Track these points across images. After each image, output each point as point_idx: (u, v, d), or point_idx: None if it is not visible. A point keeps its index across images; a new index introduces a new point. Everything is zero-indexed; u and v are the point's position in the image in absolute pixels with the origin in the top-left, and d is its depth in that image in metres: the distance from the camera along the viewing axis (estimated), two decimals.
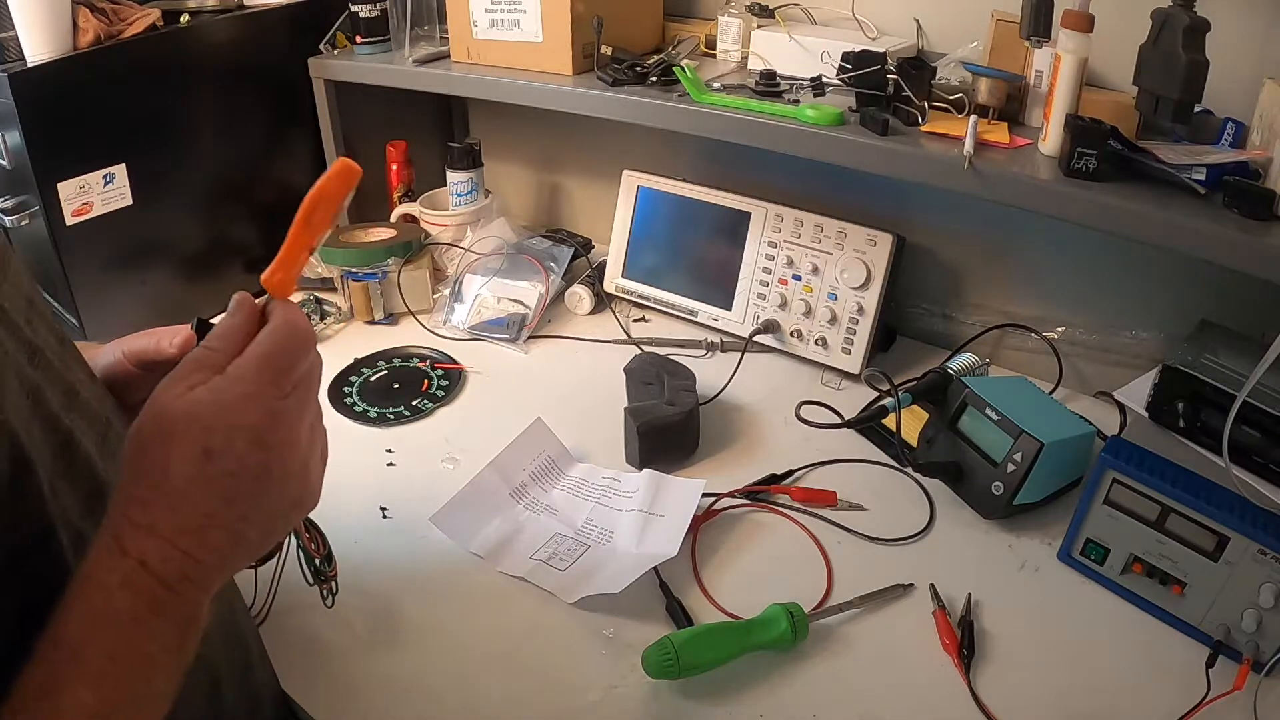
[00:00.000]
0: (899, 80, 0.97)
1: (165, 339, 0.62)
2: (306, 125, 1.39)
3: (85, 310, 1.17)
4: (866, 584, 0.84)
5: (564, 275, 1.33)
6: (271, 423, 0.46)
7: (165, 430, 0.44)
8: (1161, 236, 0.82)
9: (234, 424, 0.44)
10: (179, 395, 0.44)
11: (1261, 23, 0.90)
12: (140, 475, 0.44)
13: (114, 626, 0.41)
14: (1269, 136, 0.83)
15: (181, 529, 0.43)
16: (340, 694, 0.74)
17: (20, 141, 1.04)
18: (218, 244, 1.33)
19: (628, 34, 1.19)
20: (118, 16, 1.15)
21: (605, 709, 0.73)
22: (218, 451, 0.44)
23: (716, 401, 1.10)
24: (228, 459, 0.44)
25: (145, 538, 0.42)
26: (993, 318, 1.19)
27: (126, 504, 0.43)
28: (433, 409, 1.11)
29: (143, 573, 0.42)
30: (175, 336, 0.61)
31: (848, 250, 1.13)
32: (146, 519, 0.43)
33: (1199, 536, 0.77)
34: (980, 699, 0.73)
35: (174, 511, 0.43)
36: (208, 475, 0.44)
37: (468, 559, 0.88)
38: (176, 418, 0.44)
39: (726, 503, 0.95)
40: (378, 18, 1.30)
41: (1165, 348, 1.06)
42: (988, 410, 0.91)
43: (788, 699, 0.74)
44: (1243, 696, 0.71)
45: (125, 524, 0.43)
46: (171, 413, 0.44)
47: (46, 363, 0.47)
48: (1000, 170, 0.89)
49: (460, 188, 1.38)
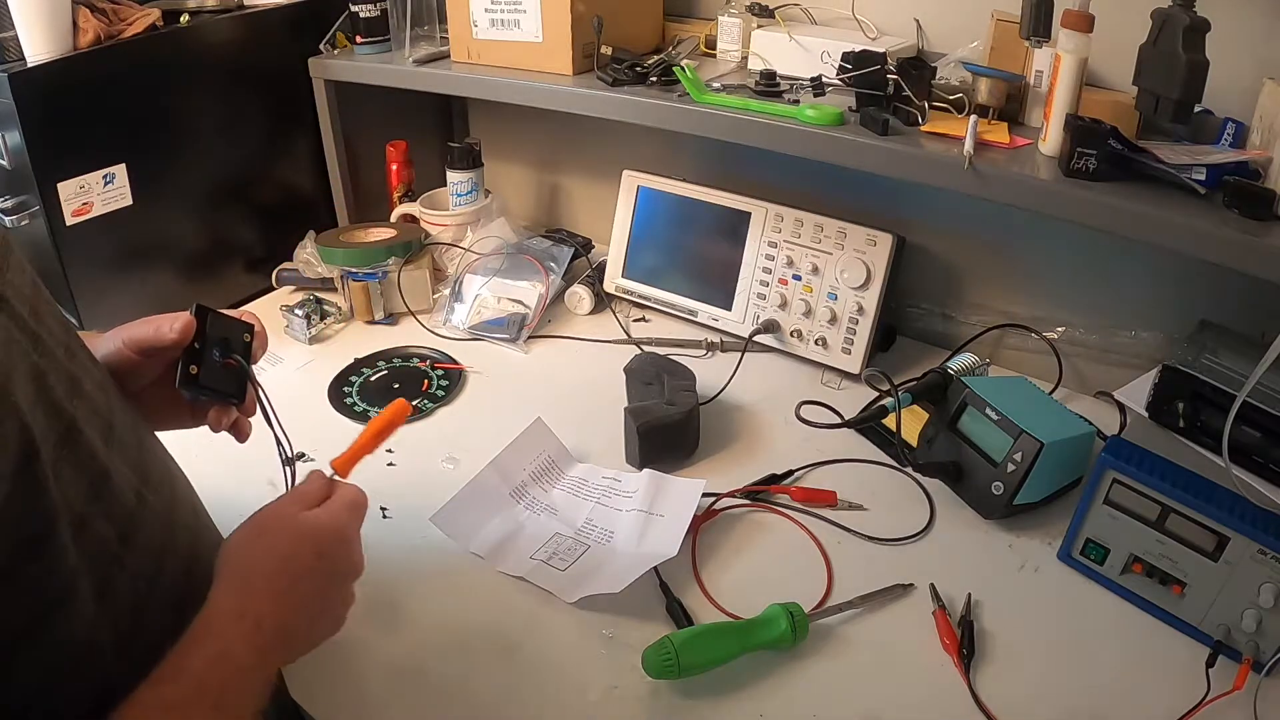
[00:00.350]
0: (899, 80, 0.97)
1: (165, 325, 0.65)
2: (306, 125, 1.39)
3: (85, 310, 1.17)
4: (866, 584, 0.84)
5: (564, 275, 1.33)
6: (353, 545, 0.62)
7: (292, 532, 0.59)
8: (1161, 236, 0.82)
9: (337, 539, 0.60)
10: (297, 511, 0.60)
11: (1261, 23, 0.90)
12: (264, 557, 0.57)
13: (229, 672, 0.51)
14: (1269, 136, 0.83)
15: (290, 604, 0.56)
16: (340, 693, 0.74)
17: (20, 141, 1.04)
18: (218, 244, 1.33)
19: (628, 34, 1.19)
20: (118, 16, 1.15)
21: (605, 709, 0.73)
22: (328, 555, 0.59)
23: (716, 401, 1.10)
24: (331, 560, 0.59)
25: (263, 604, 0.54)
26: (993, 318, 1.19)
27: (250, 574, 0.55)
28: (433, 409, 1.11)
29: (255, 633, 0.53)
30: (175, 322, 0.65)
31: (848, 250, 1.13)
32: (268, 589, 0.55)
33: (1199, 536, 0.77)
34: (980, 699, 0.73)
35: (290, 589, 0.56)
36: (319, 569, 0.58)
37: (468, 559, 0.88)
38: (303, 526, 0.59)
39: (726, 503, 0.95)
40: (378, 18, 1.30)
41: (1165, 348, 1.06)
42: (988, 410, 0.91)
43: (788, 699, 0.74)
44: (1243, 696, 0.71)
45: (248, 591, 0.54)
46: (298, 523, 0.59)
47: (49, 351, 0.49)
48: (1000, 170, 0.89)
49: (460, 188, 1.38)
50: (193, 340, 0.66)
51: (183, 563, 0.57)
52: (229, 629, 0.52)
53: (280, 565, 0.57)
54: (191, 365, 0.66)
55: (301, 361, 1.21)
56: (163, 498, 0.56)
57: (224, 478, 0.80)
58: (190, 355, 0.66)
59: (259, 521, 0.59)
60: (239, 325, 0.71)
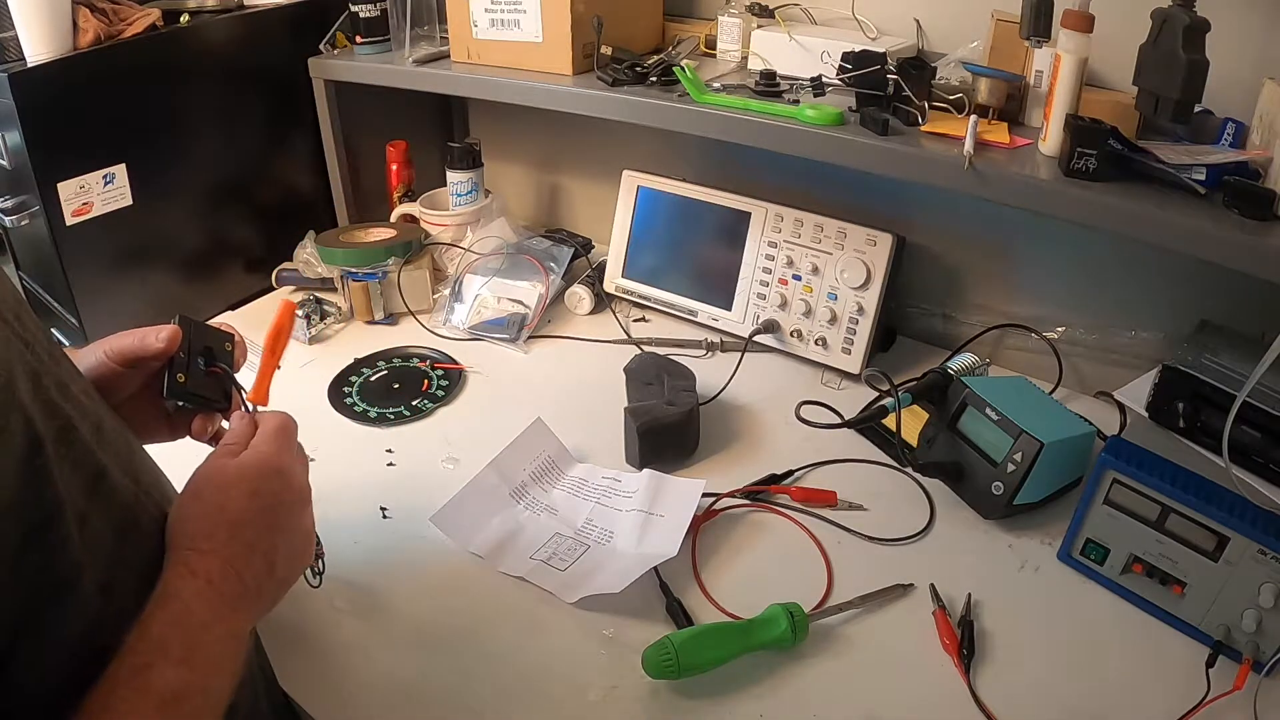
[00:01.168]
0: (899, 80, 0.97)
1: (151, 335, 0.67)
2: (306, 125, 1.39)
3: (85, 310, 1.17)
4: (866, 584, 0.84)
5: (564, 275, 1.33)
6: (289, 471, 0.62)
7: (219, 483, 0.58)
8: (1161, 236, 0.82)
9: (266, 472, 0.60)
10: (224, 461, 0.60)
11: (1261, 23, 0.90)
12: (200, 516, 0.56)
13: (190, 628, 0.51)
14: (1269, 136, 0.83)
15: (236, 552, 0.56)
16: (338, 693, 0.74)
17: (20, 141, 1.05)
18: (218, 244, 1.33)
19: (628, 34, 1.19)
20: (118, 16, 1.15)
21: (605, 709, 0.73)
22: (261, 492, 0.59)
23: (716, 401, 1.10)
24: (266, 496, 0.59)
25: (210, 560, 0.54)
26: (993, 318, 1.19)
27: (192, 537, 0.55)
28: (433, 409, 1.11)
29: (209, 589, 0.53)
30: (161, 332, 0.67)
31: (848, 250, 1.13)
32: (210, 545, 0.55)
33: (1199, 536, 0.77)
34: (980, 699, 0.73)
35: (231, 538, 0.56)
36: (254, 508, 0.58)
37: (468, 559, 0.88)
38: (228, 472, 0.59)
39: (726, 503, 0.95)
40: (378, 18, 1.30)
41: (1165, 348, 1.06)
42: (988, 410, 0.91)
43: (788, 699, 0.74)
44: (1242, 696, 0.71)
45: (193, 552, 0.54)
46: (224, 470, 0.59)
47: (39, 356, 0.49)
48: (1000, 170, 0.89)
49: (460, 188, 1.38)
50: (177, 350, 0.67)
51: None
52: (184, 589, 0.52)
53: (217, 517, 0.56)
54: (178, 374, 0.67)
55: (301, 361, 1.21)
56: (154, 499, 0.56)
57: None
58: (175, 365, 0.67)
59: (192, 482, 0.59)
60: (220, 335, 0.73)
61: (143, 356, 0.67)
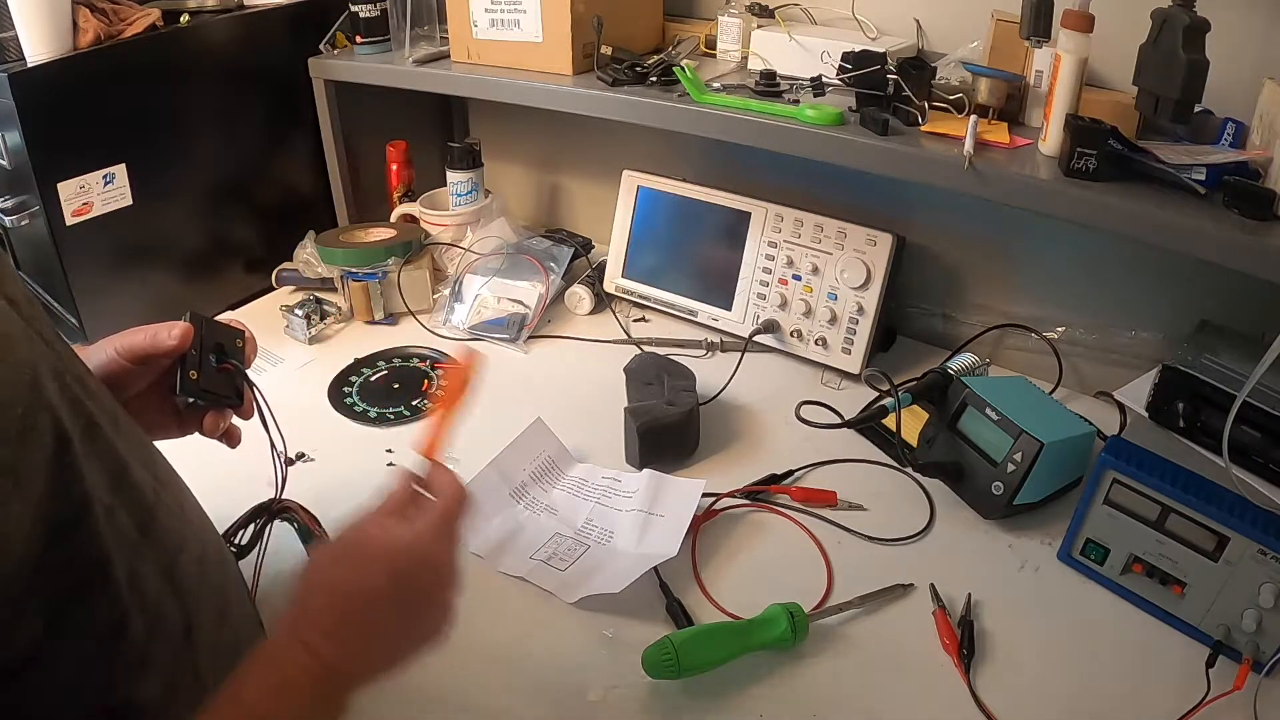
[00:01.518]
0: (899, 80, 0.97)
1: (163, 332, 0.66)
2: (306, 125, 1.39)
3: (85, 310, 1.17)
4: (866, 584, 0.84)
5: (564, 275, 1.33)
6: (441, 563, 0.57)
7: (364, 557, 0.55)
8: (1161, 236, 0.82)
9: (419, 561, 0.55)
10: (379, 533, 0.56)
11: (1261, 23, 0.90)
12: (331, 587, 0.53)
13: (290, 705, 0.49)
14: (1269, 136, 0.83)
15: (352, 635, 0.52)
16: None
17: (20, 141, 1.04)
18: (218, 244, 1.33)
19: (628, 34, 1.19)
20: (118, 16, 1.15)
21: (605, 709, 0.73)
22: (403, 577, 0.54)
23: (716, 401, 1.10)
24: (408, 583, 0.55)
25: (329, 643, 0.51)
26: (993, 318, 1.19)
27: (319, 610, 0.52)
28: (433, 409, 1.11)
29: (322, 671, 0.50)
30: (173, 329, 0.66)
31: (848, 250, 1.13)
32: (334, 626, 0.52)
33: (1199, 536, 0.77)
34: (980, 699, 0.73)
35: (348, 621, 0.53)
36: (386, 594, 0.54)
37: (468, 559, 0.87)
38: (377, 549, 0.55)
39: (726, 503, 0.95)
40: (378, 18, 1.30)
41: (1165, 348, 1.06)
42: (988, 410, 0.91)
43: (788, 699, 0.74)
44: (1242, 696, 0.71)
45: (314, 628, 0.51)
46: (374, 545, 0.55)
47: (58, 353, 0.50)
48: (1000, 170, 0.89)
49: (460, 188, 1.38)
50: (189, 346, 0.67)
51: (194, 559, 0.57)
52: (286, 657, 0.50)
53: (347, 591, 0.53)
54: (190, 371, 0.66)
55: (301, 361, 1.21)
56: (172, 493, 0.57)
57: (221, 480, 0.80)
58: (188, 362, 0.67)
59: (339, 541, 0.56)
60: (231, 331, 0.73)
61: (155, 354, 0.66)
